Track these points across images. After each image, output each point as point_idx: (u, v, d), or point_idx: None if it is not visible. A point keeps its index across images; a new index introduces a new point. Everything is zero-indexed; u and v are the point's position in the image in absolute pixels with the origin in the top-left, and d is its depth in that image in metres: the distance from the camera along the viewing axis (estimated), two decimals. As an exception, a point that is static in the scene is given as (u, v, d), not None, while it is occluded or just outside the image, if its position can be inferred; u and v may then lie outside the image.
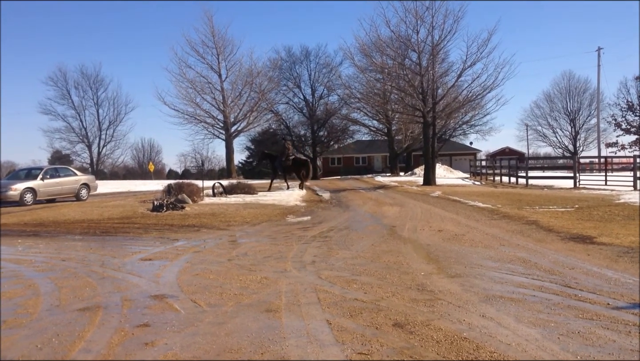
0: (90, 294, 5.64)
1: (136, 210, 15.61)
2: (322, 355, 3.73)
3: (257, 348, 3.88)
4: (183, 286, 5.94)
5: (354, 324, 4.42)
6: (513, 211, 13.33)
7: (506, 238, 9.30)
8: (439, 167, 40.42)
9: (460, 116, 39.05)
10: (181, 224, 12.48)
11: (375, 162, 64.53)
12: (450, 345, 3.93)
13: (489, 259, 7.38)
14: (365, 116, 49.86)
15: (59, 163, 52.83)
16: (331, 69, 57.79)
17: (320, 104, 60.35)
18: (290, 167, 24.54)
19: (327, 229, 11.15)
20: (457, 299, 5.23)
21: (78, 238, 10.72)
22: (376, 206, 16.46)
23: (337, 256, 7.79)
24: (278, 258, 7.66)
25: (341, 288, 5.71)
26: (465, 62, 27.87)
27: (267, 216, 13.91)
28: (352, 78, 45.19)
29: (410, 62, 29.38)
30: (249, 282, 6.11)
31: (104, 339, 4.11)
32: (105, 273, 6.81)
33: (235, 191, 21.24)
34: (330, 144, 62.87)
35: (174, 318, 4.67)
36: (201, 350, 3.87)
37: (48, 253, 8.73)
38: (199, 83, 49.29)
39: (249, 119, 52.05)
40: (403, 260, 7.35)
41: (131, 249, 9.01)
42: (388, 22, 28.92)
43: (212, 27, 49.41)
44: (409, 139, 49.32)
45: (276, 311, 4.84)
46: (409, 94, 29.78)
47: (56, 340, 4.12)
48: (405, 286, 5.80)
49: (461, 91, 30.31)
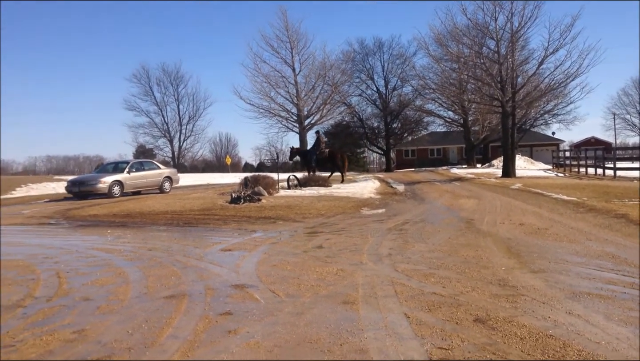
0: (175, 283, 5.90)
1: (215, 202, 16.13)
2: (402, 348, 3.71)
3: (335, 339, 3.92)
4: (262, 277, 6.08)
5: (433, 318, 4.37)
6: (600, 204, 12.64)
7: (593, 233, 8.85)
8: (519, 159, 38.99)
9: (542, 105, 37.39)
10: (258, 216, 12.77)
11: (450, 154, 63.14)
12: (535, 343, 3.80)
13: (574, 255, 7.06)
14: (440, 107, 48.91)
15: (143, 157, 55.50)
16: (405, 59, 57.06)
17: (394, 95, 59.78)
18: (326, 160, 24.07)
19: (402, 222, 11.05)
20: (542, 295, 5.04)
21: (162, 228, 11.23)
22: (452, 199, 16.13)
23: (413, 249, 7.71)
24: (353, 251, 7.69)
25: (418, 282, 5.65)
26: (547, 49, 26.68)
27: (341, 209, 13.97)
28: (426, 68, 44.37)
29: (488, 51, 28.48)
30: (326, 274, 6.17)
31: (190, 326, 4.29)
32: (189, 263, 7.09)
33: (309, 183, 21.45)
34: (404, 136, 62.16)
35: (254, 307, 4.80)
36: (282, 339, 3.95)
37: (135, 242, 9.19)
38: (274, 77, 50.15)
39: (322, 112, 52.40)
40: (482, 254, 7.17)
41: (212, 240, 9.33)
42: (464, 10, 28.18)
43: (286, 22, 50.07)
44: (487, 129, 47.84)
45: (353, 303, 4.87)
46: (486, 84, 28.87)
47: (145, 325, 4.34)
48: (485, 281, 5.66)
49: (543, 79, 29.00)
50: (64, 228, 12.07)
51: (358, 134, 63.17)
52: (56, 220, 13.63)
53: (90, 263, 7.30)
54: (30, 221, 13.62)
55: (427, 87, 42.47)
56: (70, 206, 17.44)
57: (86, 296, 5.42)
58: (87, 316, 4.69)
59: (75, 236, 10.41)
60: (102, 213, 14.66)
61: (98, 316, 4.67)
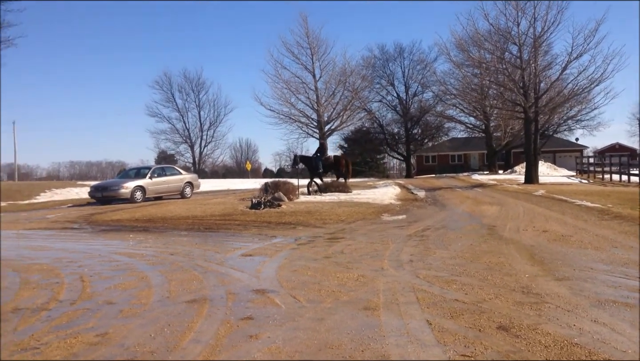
0: (197, 287, 5.93)
1: (236, 208, 16.21)
2: (424, 355, 3.67)
3: (357, 345, 3.89)
4: (282, 282, 6.08)
5: (455, 325, 4.32)
6: (626, 211, 12.41)
7: (619, 240, 8.68)
8: (542, 165, 38.42)
9: (565, 111, 36.81)
10: (278, 221, 12.80)
11: (471, 160, 62.61)
12: (560, 351, 3.73)
13: (599, 262, 6.92)
14: (461, 113, 48.49)
15: (164, 163, 56.10)
16: (425, 65, 56.79)
17: (414, 101, 59.54)
18: (331, 166, 23.82)
19: (423, 228, 10.97)
20: (566, 303, 4.95)
21: (184, 233, 11.31)
22: (474, 205, 15.98)
23: (434, 255, 7.64)
24: (374, 257, 7.65)
25: (440, 288, 5.60)
26: (570, 54, 26.28)
27: (361, 215, 13.93)
28: (447, 74, 44.01)
29: (510, 56, 28.21)
30: (346, 280, 6.15)
31: (212, 330, 4.31)
32: (210, 268, 7.12)
33: (329, 189, 21.46)
34: (425, 142, 61.88)
35: (275, 313, 4.80)
36: (303, 344, 3.94)
37: (157, 247, 9.28)
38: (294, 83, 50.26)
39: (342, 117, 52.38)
40: (505, 261, 7.08)
41: (232, 245, 9.37)
42: (486, 16, 27.93)
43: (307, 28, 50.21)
44: (509, 135, 47.36)
45: (374, 310, 4.83)
46: (508, 89, 28.58)
47: (168, 329, 4.37)
48: (508, 288, 5.58)
49: (566, 84, 28.65)
50: (87, 232, 12.24)
51: (378, 140, 63.04)
52: (80, 225, 13.82)
53: (113, 267, 7.39)
54: (55, 225, 13.83)
55: (448, 93, 42.12)
56: (94, 211, 17.68)
57: (109, 299, 5.47)
58: (110, 319, 4.73)
59: (99, 241, 10.54)
60: (125, 218, 14.83)
61: (121, 320, 4.71)
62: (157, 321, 4.61)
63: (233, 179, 45.74)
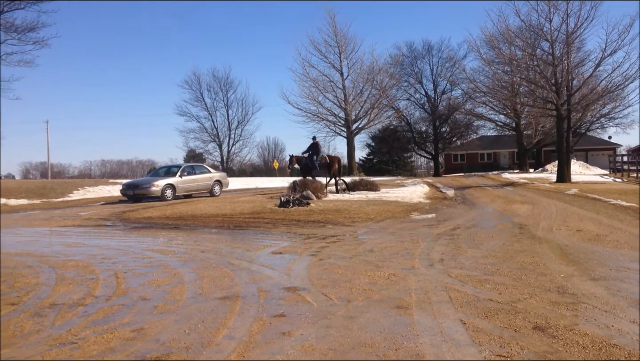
0: (228, 284, 5.98)
1: (265, 206, 16.29)
2: (459, 354, 3.63)
3: (390, 344, 3.87)
4: (313, 280, 6.09)
5: (490, 325, 4.26)
6: (663, 211, 12.08)
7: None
8: (574, 163, 37.62)
9: (598, 109, 36.02)
10: (307, 219, 12.81)
11: (501, 159, 61.77)
12: (598, 352, 3.65)
13: (636, 262, 6.75)
14: (491, 111, 47.84)
15: (193, 161, 56.76)
16: (454, 62, 56.26)
17: (443, 99, 59.05)
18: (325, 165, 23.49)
19: (453, 227, 10.86)
20: (603, 303, 4.84)
21: (214, 231, 11.42)
22: (505, 204, 15.75)
23: (466, 254, 7.56)
24: (404, 255, 7.60)
25: (473, 288, 5.53)
26: (604, 51, 25.63)
27: (390, 213, 13.86)
28: (477, 71, 43.52)
29: (542, 52, 27.69)
30: (377, 278, 6.12)
31: (245, 327, 4.33)
32: (241, 265, 7.17)
33: (357, 187, 21.42)
34: (453, 140, 61.29)
35: (307, 310, 4.80)
36: (336, 342, 3.93)
37: (188, 244, 9.38)
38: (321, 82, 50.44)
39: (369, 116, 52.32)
40: (539, 261, 6.96)
41: (262, 243, 9.42)
42: (518, 12, 27.44)
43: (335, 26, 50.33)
44: (540, 133, 46.56)
45: (407, 308, 4.80)
46: (540, 86, 28.07)
47: (201, 326, 4.41)
48: (543, 288, 5.48)
49: (599, 81, 27.98)
50: (119, 229, 12.45)
51: (406, 139, 62.70)
52: (112, 222, 14.07)
53: (146, 263, 7.50)
54: (88, 222, 14.11)
55: (477, 91, 41.58)
56: (125, 209, 17.98)
57: (143, 296, 5.55)
58: (145, 315, 4.80)
59: (131, 238, 10.71)
60: (156, 216, 15.05)
61: (156, 316, 4.77)
62: (191, 318, 4.66)
63: (261, 178, 45.99)
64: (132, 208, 18.42)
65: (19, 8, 24.69)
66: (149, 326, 4.43)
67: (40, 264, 7.56)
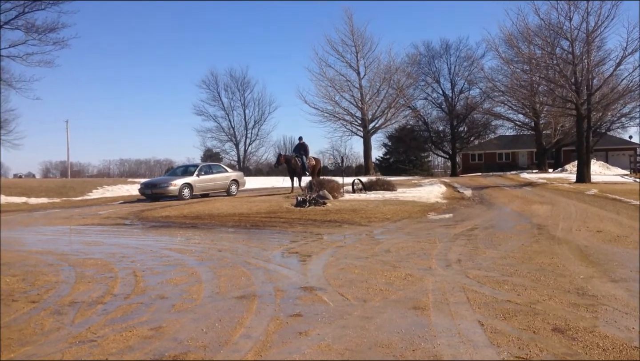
0: (245, 283, 6.00)
1: (281, 205, 16.33)
2: (477, 356, 3.60)
3: (408, 345, 3.85)
4: (330, 280, 6.08)
5: (508, 327, 4.22)
6: (686, 212, 11.87)
7: (680, 242, 8.30)
8: (594, 164, 37.14)
9: (619, 108, 35.50)
10: (323, 219, 12.81)
11: (520, 159, 61.12)
12: (619, 354, 3.60)
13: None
14: (509, 110, 47.36)
15: (210, 161, 57.06)
16: (472, 61, 55.73)
17: (461, 98, 58.59)
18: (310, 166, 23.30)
19: (470, 227, 10.78)
20: (624, 305, 4.77)
21: (230, 230, 11.47)
22: (524, 204, 15.59)
23: (484, 255, 7.49)
24: (421, 256, 7.56)
25: (491, 289, 5.48)
26: (625, 50, 25.24)
27: (407, 213, 13.80)
28: (495, 70, 43.11)
29: (562, 51, 27.37)
30: (394, 278, 6.10)
31: (262, 326, 4.34)
32: (257, 264, 7.20)
33: (374, 187, 21.36)
34: (471, 140, 60.82)
35: (324, 310, 4.80)
36: (352, 342, 3.93)
37: (205, 243, 9.43)
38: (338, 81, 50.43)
39: (386, 115, 52.20)
40: (558, 262, 6.87)
41: (278, 242, 9.44)
42: (537, 10, 27.20)
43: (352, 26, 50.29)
44: (559, 133, 46.01)
45: (424, 309, 4.77)
46: (559, 85, 27.75)
47: (219, 324, 4.43)
48: (562, 289, 5.42)
49: (620, 80, 27.59)
50: (138, 228, 12.57)
51: (423, 138, 62.38)
52: (131, 221, 14.21)
53: (164, 262, 7.55)
54: (107, 221, 14.26)
55: (496, 90, 41.24)
56: (144, 208, 18.15)
57: (161, 294, 5.60)
58: (163, 313, 4.84)
59: (149, 237, 10.80)
60: (173, 215, 15.16)
61: (173, 314, 4.81)
62: (208, 316, 4.68)
63: (277, 177, 46.06)
64: (150, 206, 18.59)
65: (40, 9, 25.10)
66: (167, 325, 4.46)
67: (60, 263, 7.66)
